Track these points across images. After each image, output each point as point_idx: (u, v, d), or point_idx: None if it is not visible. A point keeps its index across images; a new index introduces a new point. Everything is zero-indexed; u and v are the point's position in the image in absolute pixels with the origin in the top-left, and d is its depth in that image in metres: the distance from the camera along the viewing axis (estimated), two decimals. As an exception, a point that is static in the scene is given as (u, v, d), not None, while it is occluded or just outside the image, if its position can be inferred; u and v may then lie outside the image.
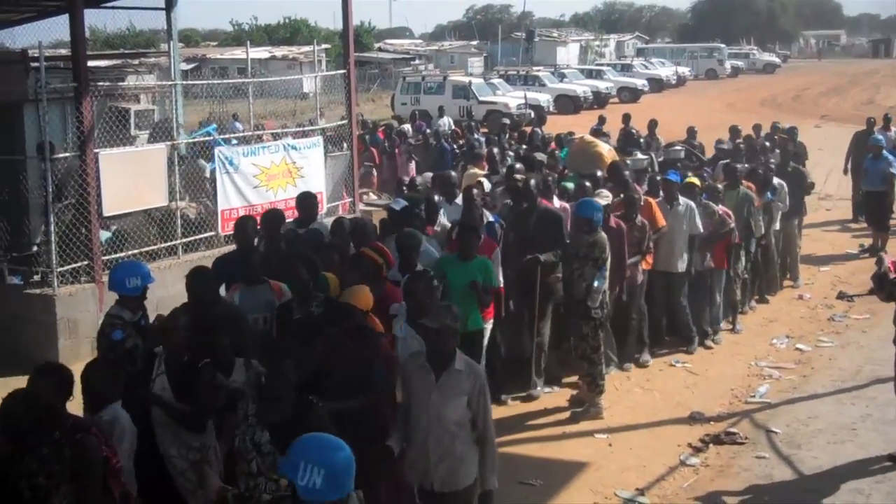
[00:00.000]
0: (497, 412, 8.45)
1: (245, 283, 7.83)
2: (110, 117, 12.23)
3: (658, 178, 12.44)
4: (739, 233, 11.83)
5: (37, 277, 11.21)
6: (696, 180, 11.86)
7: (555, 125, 26.05)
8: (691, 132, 16.25)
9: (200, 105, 21.07)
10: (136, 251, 11.78)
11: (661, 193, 11.34)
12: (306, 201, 10.10)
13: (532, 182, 10.16)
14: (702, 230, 11.14)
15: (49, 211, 10.90)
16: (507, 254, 9.69)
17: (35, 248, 11.70)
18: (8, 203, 11.80)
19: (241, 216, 9.99)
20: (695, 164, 14.47)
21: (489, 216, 10.04)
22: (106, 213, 11.43)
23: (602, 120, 21.47)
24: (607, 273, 9.38)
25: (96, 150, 11.24)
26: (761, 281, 13.36)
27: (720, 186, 12.19)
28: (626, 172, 11.72)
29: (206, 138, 14.76)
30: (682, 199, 11.13)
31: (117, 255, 11.57)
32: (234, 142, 15.19)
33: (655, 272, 11.06)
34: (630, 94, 50.04)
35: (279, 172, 13.96)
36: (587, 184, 11.17)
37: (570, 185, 11.86)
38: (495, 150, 17.19)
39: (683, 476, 8.17)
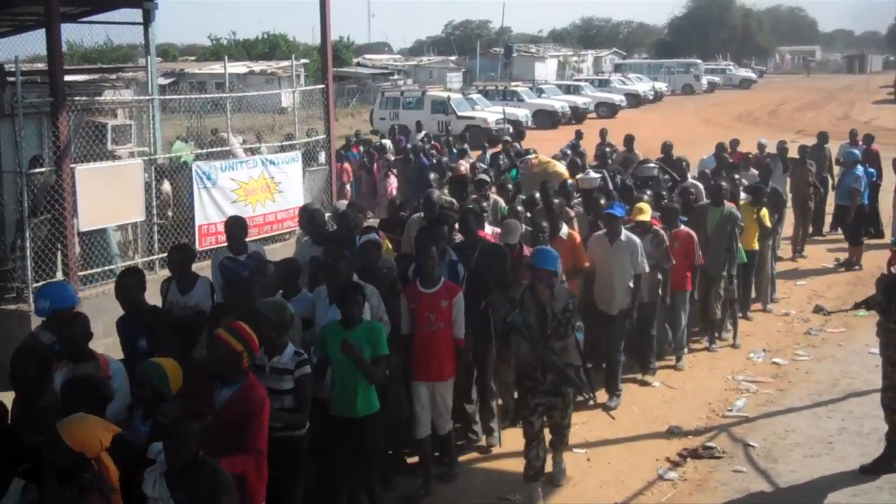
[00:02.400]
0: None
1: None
2: (87, 132, 12.17)
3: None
4: (718, 253, 11.63)
5: (12, 294, 11.12)
6: (645, 215, 10.74)
7: (533, 140, 26.12)
8: (666, 147, 16.26)
9: (178, 120, 21.00)
10: (111, 267, 11.71)
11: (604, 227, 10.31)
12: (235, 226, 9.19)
13: (470, 213, 9.48)
14: (647, 268, 10.17)
15: (25, 226, 10.84)
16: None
17: (10, 264, 11.59)
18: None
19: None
20: (667, 182, 14.24)
21: (452, 253, 8.81)
22: (83, 228, 11.36)
23: (579, 135, 21.52)
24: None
25: (73, 165, 11.18)
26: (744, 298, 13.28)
27: (677, 206, 11.66)
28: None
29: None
30: (625, 234, 10.07)
31: (93, 271, 11.52)
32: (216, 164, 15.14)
33: (597, 312, 10.22)
34: (608, 110, 50.33)
35: (258, 187, 13.94)
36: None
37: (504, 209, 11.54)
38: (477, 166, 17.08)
39: (661, 490, 8.18)
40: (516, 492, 8.01)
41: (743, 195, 13.11)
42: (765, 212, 12.91)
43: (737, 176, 14.08)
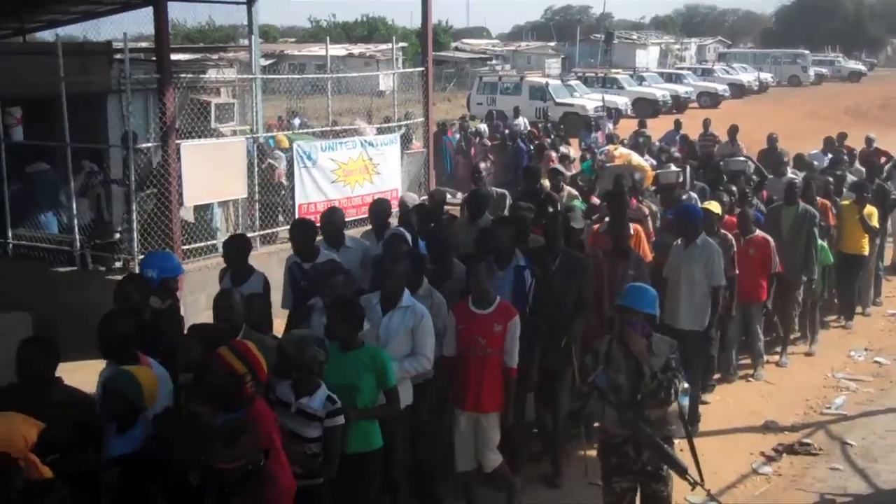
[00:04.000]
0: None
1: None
2: (192, 109, 12.45)
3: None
4: (796, 256, 10.76)
5: (118, 264, 11.47)
6: (715, 206, 9.94)
7: (632, 129, 25.76)
8: (771, 140, 15.83)
9: (279, 100, 21.37)
10: (213, 241, 11.99)
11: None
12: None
13: (571, 214, 8.79)
14: (723, 280, 8.93)
15: (131, 199, 11.16)
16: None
17: (117, 236, 11.96)
18: (94, 191, 12.07)
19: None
20: (755, 179, 13.44)
21: (519, 258, 7.74)
22: (187, 203, 11.64)
23: (678, 125, 21.15)
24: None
25: (178, 141, 11.45)
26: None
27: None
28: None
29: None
30: (702, 240, 8.94)
31: (196, 245, 11.81)
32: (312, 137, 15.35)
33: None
34: (710, 100, 49.28)
35: (356, 168, 14.08)
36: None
37: (579, 203, 10.78)
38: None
39: (755, 484, 8.05)
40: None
41: (846, 193, 12.71)
42: (871, 210, 12.31)
43: (839, 172, 13.66)
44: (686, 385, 6.00)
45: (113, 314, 5.96)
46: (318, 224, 8.56)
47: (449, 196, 12.33)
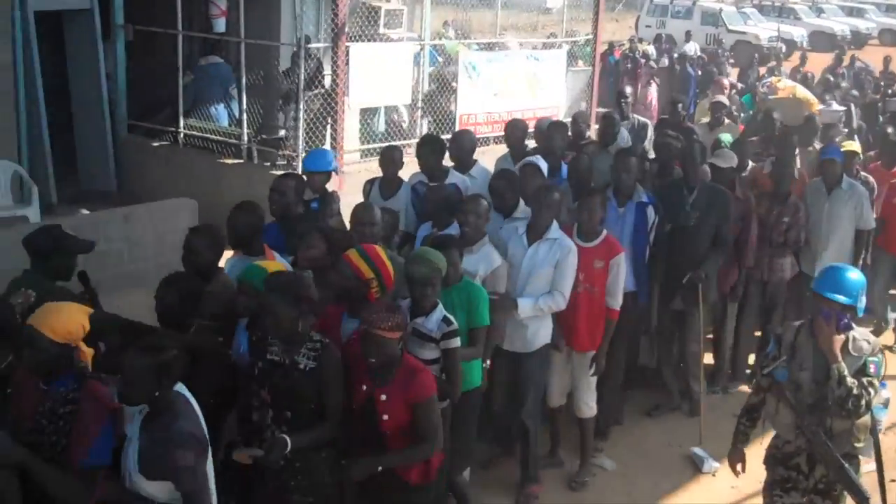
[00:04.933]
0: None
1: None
2: (362, 13, 12.48)
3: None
4: None
5: (282, 161, 11.73)
6: (854, 146, 9.38)
7: (811, 63, 24.55)
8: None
9: (444, 11, 21.24)
10: (376, 145, 12.12)
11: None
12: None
13: (718, 150, 8.31)
14: (873, 223, 8.71)
15: (299, 98, 11.35)
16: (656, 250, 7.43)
17: (283, 133, 12.21)
18: (262, 88, 12.32)
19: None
20: None
21: (641, 193, 7.41)
22: (352, 106, 11.74)
23: (853, 60, 19.96)
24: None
25: (347, 44, 11.52)
26: None
27: None
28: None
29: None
30: (847, 182, 8.58)
31: (361, 148, 11.96)
32: (476, 48, 15.22)
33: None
34: (892, 37, 46.52)
35: (520, 82, 13.91)
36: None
37: (727, 138, 9.77)
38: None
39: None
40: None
41: None
42: None
43: None
44: (887, 395, 5.20)
45: (243, 205, 6.07)
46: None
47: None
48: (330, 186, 7.74)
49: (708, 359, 8.38)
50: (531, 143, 9.56)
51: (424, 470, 4.86)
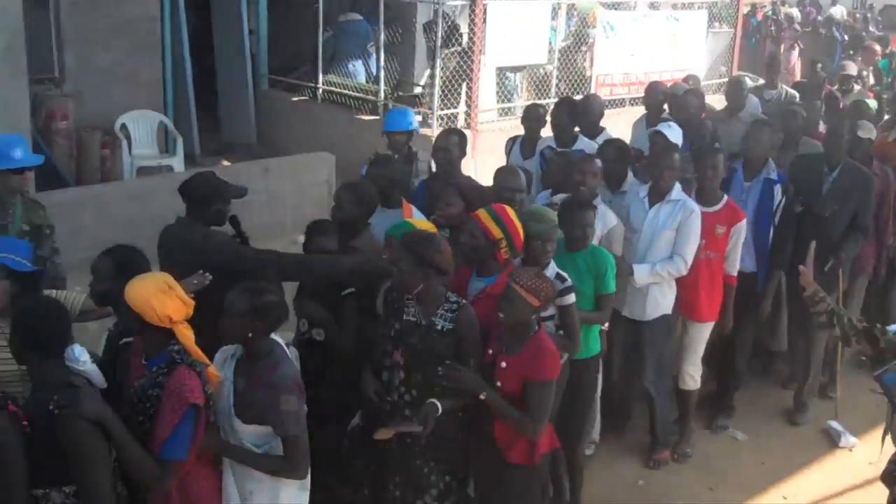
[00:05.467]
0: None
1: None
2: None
3: None
4: None
5: (418, 118, 11.80)
6: None
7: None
8: None
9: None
10: (510, 104, 12.10)
11: None
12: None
13: (861, 121, 7.62)
14: None
15: (436, 56, 11.38)
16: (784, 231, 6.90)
17: (419, 90, 12.28)
18: (399, 45, 12.40)
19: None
20: None
21: (772, 169, 6.92)
22: (488, 64, 11.72)
23: None
24: None
25: (485, 1, 11.46)
26: None
27: None
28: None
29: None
30: None
31: (493, 108, 11.95)
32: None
33: None
34: None
35: (658, 42, 13.64)
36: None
37: (872, 105, 9.08)
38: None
39: None
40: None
41: None
42: None
43: None
44: None
45: (379, 158, 6.11)
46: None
47: (749, 81, 11.72)
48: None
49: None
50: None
51: (527, 451, 4.70)
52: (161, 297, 3.82)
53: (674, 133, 7.12)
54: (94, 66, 11.23)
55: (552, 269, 5.23)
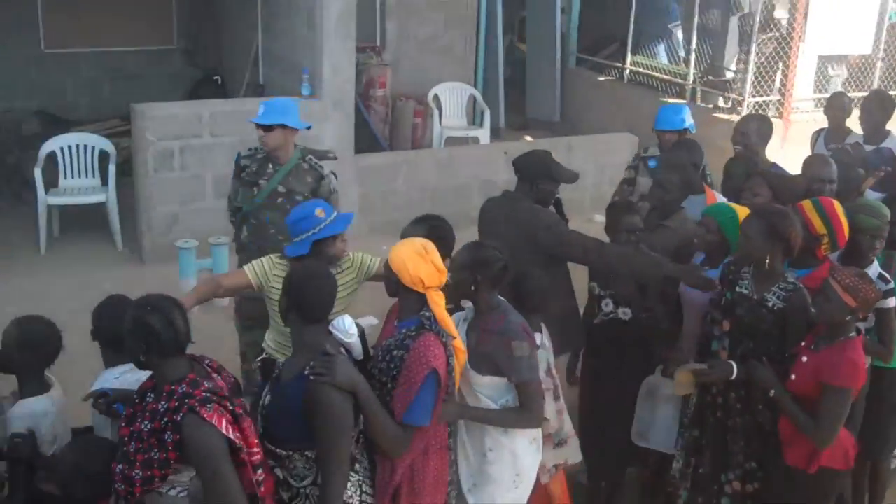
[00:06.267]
0: None
1: None
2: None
3: None
4: None
5: (726, 105, 11.51)
6: None
7: None
8: None
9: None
10: (824, 95, 11.49)
11: None
12: None
13: None
14: None
15: (752, 40, 11.04)
16: None
17: (730, 75, 11.95)
18: (713, 29, 12.11)
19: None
20: None
21: None
22: (808, 52, 11.20)
23: None
24: None
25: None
26: None
27: None
28: None
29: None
30: None
31: (812, 97, 11.41)
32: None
33: None
34: None
35: None
36: None
37: None
38: None
39: None
40: None
41: None
42: None
43: None
44: None
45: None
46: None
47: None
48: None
49: None
50: None
51: (806, 456, 4.49)
52: (416, 260, 3.94)
53: None
54: (412, 38, 11.79)
55: (874, 269, 4.97)
